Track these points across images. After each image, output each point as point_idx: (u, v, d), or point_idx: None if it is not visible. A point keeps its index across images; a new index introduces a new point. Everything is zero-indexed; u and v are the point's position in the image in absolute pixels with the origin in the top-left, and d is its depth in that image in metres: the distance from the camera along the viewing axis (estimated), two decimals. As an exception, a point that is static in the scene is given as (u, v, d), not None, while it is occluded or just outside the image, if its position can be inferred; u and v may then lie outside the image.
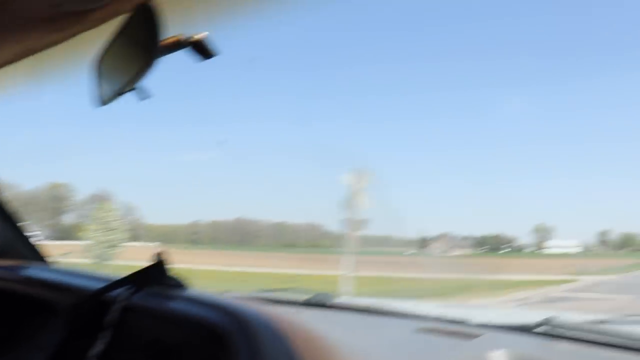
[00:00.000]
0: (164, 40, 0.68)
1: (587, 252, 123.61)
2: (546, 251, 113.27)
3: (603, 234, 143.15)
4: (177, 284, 0.84)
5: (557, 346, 1.15)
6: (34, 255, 1.32)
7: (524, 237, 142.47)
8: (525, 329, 1.25)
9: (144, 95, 0.71)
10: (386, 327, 1.36)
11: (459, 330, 1.24)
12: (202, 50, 0.70)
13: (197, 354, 0.76)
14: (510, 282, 19.39)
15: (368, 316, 1.47)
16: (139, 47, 0.69)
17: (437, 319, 1.40)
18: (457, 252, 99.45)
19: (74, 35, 0.81)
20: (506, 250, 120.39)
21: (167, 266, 0.83)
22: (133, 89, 0.71)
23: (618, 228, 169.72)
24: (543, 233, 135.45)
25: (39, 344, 0.99)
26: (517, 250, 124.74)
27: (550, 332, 1.19)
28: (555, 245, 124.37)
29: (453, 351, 1.11)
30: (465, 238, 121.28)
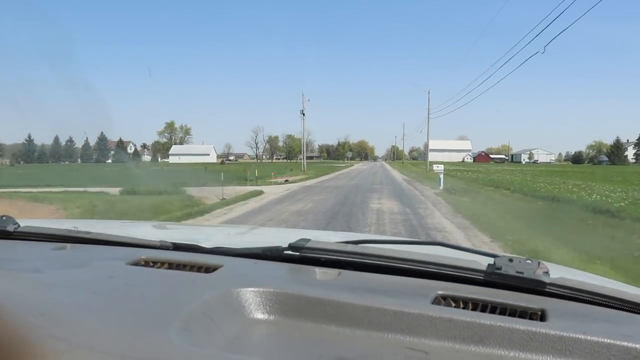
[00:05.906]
0: None
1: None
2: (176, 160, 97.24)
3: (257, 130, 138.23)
4: None
5: (314, 272, 0.92)
6: None
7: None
8: (272, 253, 1.02)
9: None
10: (91, 261, 0.99)
11: (192, 261, 0.97)
12: None
13: None
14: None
15: (60, 246, 1.12)
16: None
17: (160, 244, 1.12)
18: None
19: None
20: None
21: None
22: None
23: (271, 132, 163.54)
24: (179, 133, 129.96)
25: None
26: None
27: (302, 256, 0.97)
28: (184, 152, 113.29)
29: (190, 290, 0.79)
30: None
